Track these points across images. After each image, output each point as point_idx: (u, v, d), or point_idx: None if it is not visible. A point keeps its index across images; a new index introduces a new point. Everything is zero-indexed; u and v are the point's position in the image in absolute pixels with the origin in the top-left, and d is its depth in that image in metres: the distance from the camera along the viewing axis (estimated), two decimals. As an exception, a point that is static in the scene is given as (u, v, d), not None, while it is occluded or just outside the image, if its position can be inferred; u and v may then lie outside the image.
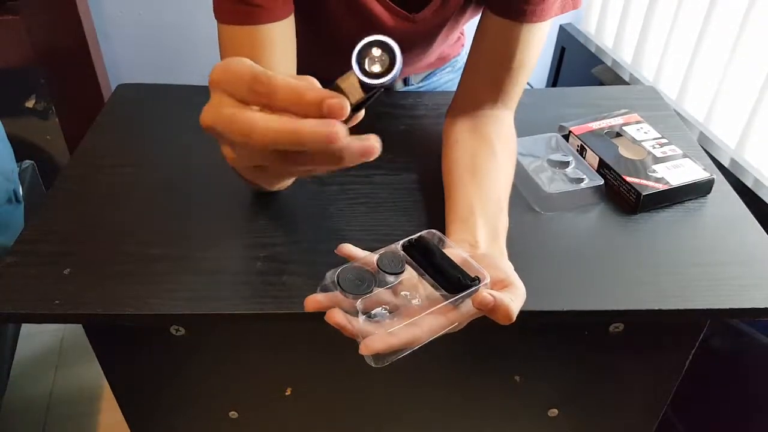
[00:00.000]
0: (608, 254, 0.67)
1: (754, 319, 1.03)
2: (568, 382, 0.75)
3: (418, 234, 0.55)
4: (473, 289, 0.51)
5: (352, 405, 0.77)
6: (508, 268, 0.56)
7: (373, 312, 0.50)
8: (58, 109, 1.68)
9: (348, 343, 0.69)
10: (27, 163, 1.39)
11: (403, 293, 0.52)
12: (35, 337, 1.59)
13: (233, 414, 0.76)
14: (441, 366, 0.73)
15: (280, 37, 0.67)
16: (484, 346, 0.71)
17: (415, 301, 0.52)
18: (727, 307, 0.61)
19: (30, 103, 1.68)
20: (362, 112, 0.44)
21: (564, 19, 1.75)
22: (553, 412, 0.77)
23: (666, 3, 1.39)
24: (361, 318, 0.49)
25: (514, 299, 0.51)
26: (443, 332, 0.50)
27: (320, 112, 0.38)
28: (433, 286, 0.52)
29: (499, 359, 0.72)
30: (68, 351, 1.59)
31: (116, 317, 0.59)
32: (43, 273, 0.62)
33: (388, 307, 0.51)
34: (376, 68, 0.39)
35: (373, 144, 0.40)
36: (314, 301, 0.50)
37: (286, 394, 0.74)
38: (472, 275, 0.52)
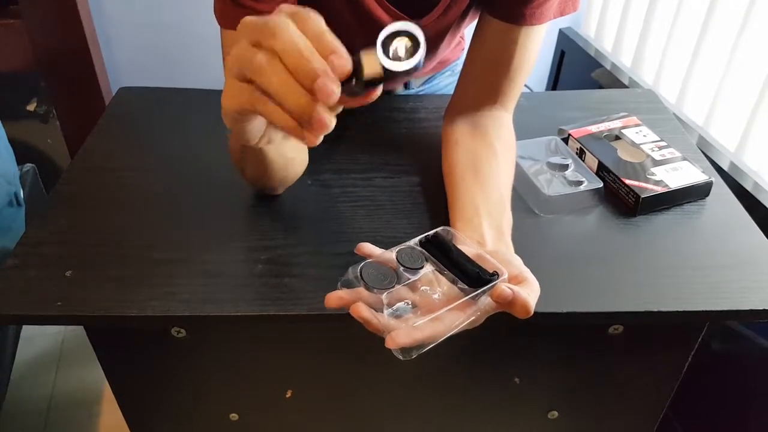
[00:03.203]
0: (607, 256, 0.67)
1: (753, 322, 1.03)
2: (568, 384, 0.75)
3: (433, 231, 0.56)
4: (493, 284, 0.51)
5: (352, 407, 0.77)
6: (519, 264, 0.56)
7: (395, 306, 0.51)
8: (59, 112, 1.68)
9: (348, 345, 0.69)
10: (28, 166, 1.39)
11: (422, 288, 0.53)
12: (36, 340, 1.59)
13: (234, 416, 0.76)
14: (441, 368, 0.73)
15: None
16: (483, 348, 0.71)
17: (435, 296, 0.53)
18: (726, 309, 0.62)
19: (31, 107, 1.68)
20: (378, 90, 0.44)
21: (563, 22, 1.75)
22: (553, 414, 0.78)
23: (665, 7, 1.39)
24: (387, 312, 0.49)
25: (530, 293, 0.52)
26: (463, 327, 0.51)
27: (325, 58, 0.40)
28: (452, 281, 0.53)
29: (499, 361, 0.72)
30: (69, 353, 1.59)
31: (117, 319, 0.59)
32: (45, 275, 0.63)
33: (410, 302, 0.52)
34: (400, 52, 0.41)
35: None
36: (336, 297, 0.50)
37: (287, 396, 0.74)
38: (490, 270, 0.53)
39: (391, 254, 0.54)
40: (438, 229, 0.56)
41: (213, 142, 0.82)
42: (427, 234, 0.56)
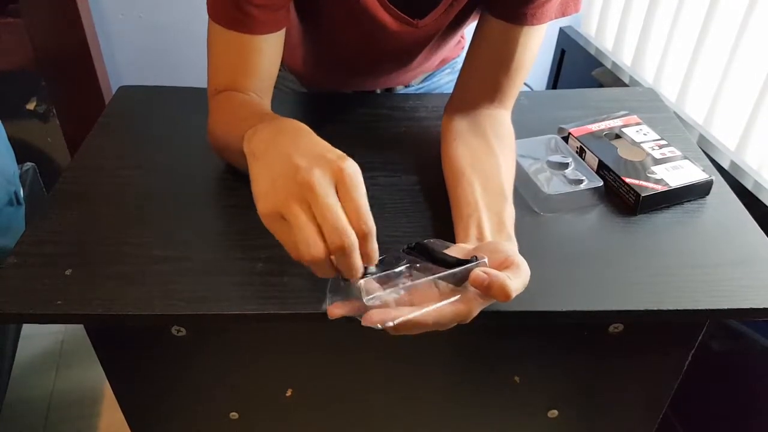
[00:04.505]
0: (607, 255, 0.67)
1: (753, 321, 1.03)
2: (568, 382, 0.75)
3: (415, 242, 0.57)
4: (470, 265, 0.52)
5: (352, 406, 0.77)
6: (509, 250, 0.56)
7: (374, 295, 0.52)
8: (59, 111, 1.68)
9: (348, 345, 0.69)
10: (28, 165, 1.40)
11: (402, 281, 0.54)
12: (35, 339, 1.59)
13: (234, 415, 0.76)
14: (441, 367, 0.73)
15: (268, 49, 0.70)
16: (483, 347, 0.71)
17: (415, 284, 0.54)
18: (726, 307, 0.62)
19: (31, 106, 1.68)
20: None
21: (564, 21, 1.75)
22: (553, 413, 0.78)
23: (666, 5, 1.39)
24: (366, 299, 0.51)
25: (512, 277, 0.52)
26: (440, 305, 0.51)
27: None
28: (429, 271, 0.54)
29: (499, 360, 0.72)
30: (68, 353, 1.59)
31: (117, 317, 0.59)
32: (45, 274, 0.63)
33: (391, 291, 0.53)
34: None
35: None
36: (336, 309, 0.52)
37: (287, 395, 0.74)
38: (469, 258, 0.53)
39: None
40: (423, 240, 0.57)
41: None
42: (409, 243, 0.56)
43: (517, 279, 0.52)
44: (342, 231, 0.47)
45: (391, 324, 0.49)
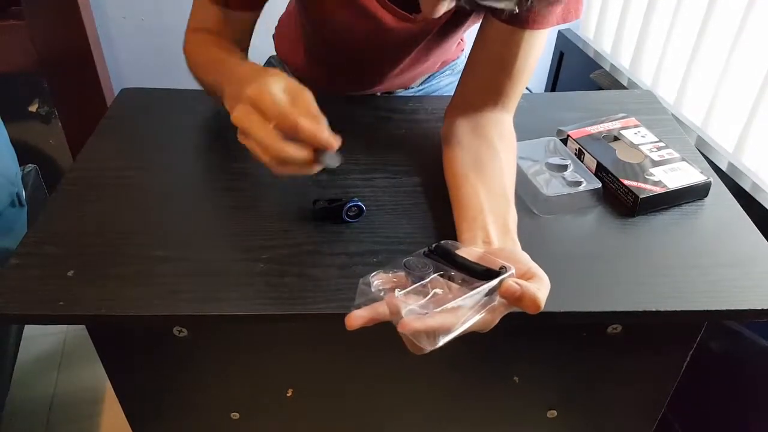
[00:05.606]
0: (606, 256, 0.68)
1: (751, 321, 1.04)
2: (567, 383, 0.76)
3: (435, 243, 0.57)
4: (500, 278, 0.52)
5: (353, 406, 0.78)
6: (527, 260, 0.56)
7: (408, 308, 0.51)
8: (61, 113, 1.68)
9: (349, 345, 0.70)
10: (30, 167, 1.40)
11: (434, 291, 0.53)
12: (37, 340, 1.59)
13: (235, 415, 0.77)
14: (441, 367, 0.74)
15: (242, 26, 0.79)
16: (483, 347, 0.71)
17: (449, 297, 0.53)
18: (724, 308, 0.62)
19: (33, 108, 1.69)
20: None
21: (563, 24, 1.76)
22: (552, 413, 0.78)
23: (664, 8, 1.39)
24: (403, 307, 0.50)
25: (540, 288, 0.52)
26: (476, 321, 0.51)
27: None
28: (462, 281, 0.53)
29: (498, 360, 0.73)
30: (70, 353, 1.59)
31: (119, 318, 0.60)
32: (47, 275, 0.63)
33: (423, 303, 0.52)
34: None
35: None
36: (357, 317, 0.51)
37: (288, 395, 0.74)
38: (496, 268, 0.53)
39: (399, 272, 0.54)
40: (441, 241, 0.57)
41: (214, 142, 0.83)
42: (429, 246, 0.56)
43: (543, 289, 0.53)
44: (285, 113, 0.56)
45: (440, 344, 0.49)
